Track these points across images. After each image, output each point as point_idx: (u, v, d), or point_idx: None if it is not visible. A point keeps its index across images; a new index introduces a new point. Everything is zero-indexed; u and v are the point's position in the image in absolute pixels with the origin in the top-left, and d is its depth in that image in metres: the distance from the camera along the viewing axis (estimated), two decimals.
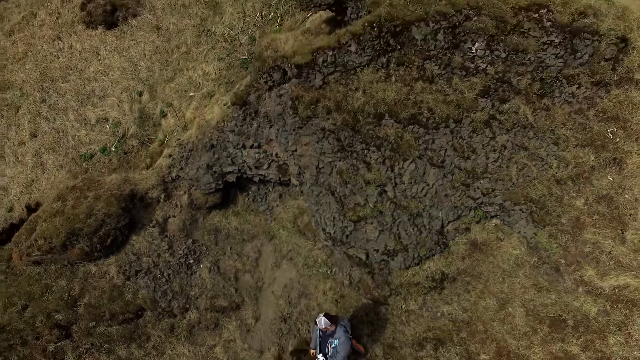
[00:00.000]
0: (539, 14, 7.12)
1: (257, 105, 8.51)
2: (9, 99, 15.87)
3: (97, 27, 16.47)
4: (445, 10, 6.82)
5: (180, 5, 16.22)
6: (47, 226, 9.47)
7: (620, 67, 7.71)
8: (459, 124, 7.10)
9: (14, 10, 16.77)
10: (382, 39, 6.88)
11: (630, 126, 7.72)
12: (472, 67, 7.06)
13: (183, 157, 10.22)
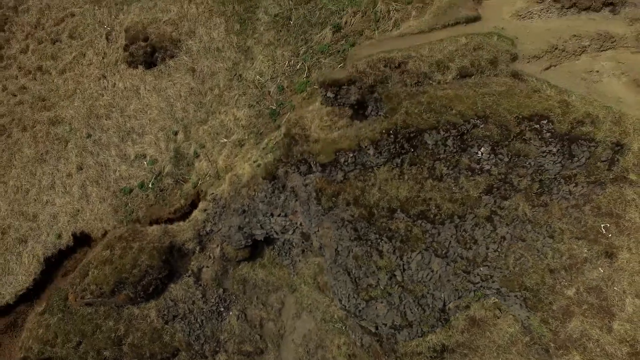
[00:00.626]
0: (539, 125, 7.96)
1: (284, 180, 9.66)
2: (59, 133, 17.58)
3: (137, 67, 17.95)
4: (455, 120, 7.75)
5: (215, 49, 17.51)
6: (98, 273, 10.94)
7: (616, 167, 8.49)
8: (462, 219, 8.06)
9: (67, 51, 18.43)
10: (398, 143, 7.89)
11: (622, 222, 8.51)
12: (477, 168, 7.98)
13: (216, 213, 11.50)
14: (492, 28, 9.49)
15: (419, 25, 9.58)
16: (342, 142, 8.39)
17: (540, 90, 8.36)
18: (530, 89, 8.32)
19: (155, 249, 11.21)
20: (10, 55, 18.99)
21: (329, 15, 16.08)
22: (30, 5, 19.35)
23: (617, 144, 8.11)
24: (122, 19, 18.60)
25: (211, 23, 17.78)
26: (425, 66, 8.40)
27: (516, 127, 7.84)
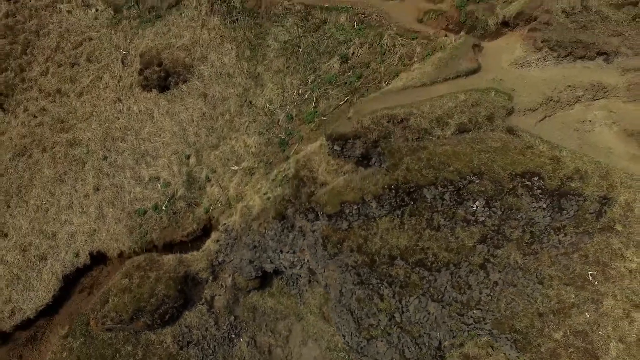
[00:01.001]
0: (531, 182, 8.58)
1: (293, 219, 10.40)
2: (77, 154, 18.46)
3: (151, 90, 18.76)
4: (452, 177, 8.41)
5: (226, 74, 18.28)
6: (118, 301, 11.80)
7: (604, 218, 9.12)
8: (458, 267, 8.73)
9: (84, 74, 19.29)
10: (398, 197, 8.57)
11: (608, 270, 9.15)
12: (472, 219, 8.64)
13: (228, 244, 12.28)
14: (490, 80, 10.10)
15: (422, 78, 10.22)
16: (347, 194, 9.10)
17: (533, 146, 9.00)
18: (524, 145, 8.96)
19: (171, 279, 12.03)
20: (32, 78, 19.90)
21: (337, 45, 16.76)
22: (51, 30, 20.24)
23: (604, 197, 8.74)
24: (137, 43, 19.42)
25: (222, 49, 18.55)
26: (426, 122, 9.07)
27: (509, 184, 8.50)
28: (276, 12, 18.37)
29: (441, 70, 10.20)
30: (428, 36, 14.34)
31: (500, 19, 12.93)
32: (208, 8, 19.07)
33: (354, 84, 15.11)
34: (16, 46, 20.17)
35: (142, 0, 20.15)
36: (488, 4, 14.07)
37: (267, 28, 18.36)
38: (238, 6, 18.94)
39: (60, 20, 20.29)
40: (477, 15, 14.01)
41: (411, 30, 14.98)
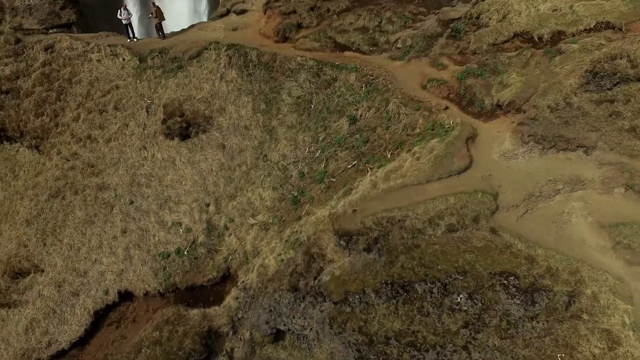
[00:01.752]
0: (507, 280, 10.09)
1: (304, 292, 12.09)
2: (106, 198, 20.41)
3: (174, 139, 20.59)
4: (440, 276, 9.95)
5: (243, 127, 19.99)
6: (150, 353, 13.69)
7: (573, 307, 10.63)
8: (443, 348, 10.26)
9: (112, 121, 21.17)
10: (394, 289, 10.14)
11: (576, 353, 10.66)
12: (457, 308, 10.16)
13: (247, 302, 14.03)
14: (479, 178, 11.57)
15: (418, 176, 11.70)
16: (350, 284, 10.74)
17: (512, 245, 10.50)
18: (504, 244, 10.46)
19: (197, 334, 13.85)
20: (65, 123, 21.87)
21: (346, 106, 18.32)
22: (82, 78, 22.14)
23: (572, 291, 10.27)
24: (161, 93, 21.22)
25: (240, 101, 20.26)
26: (420, 223, 10.62)
27: (488, 281, 10.03)
28: (290, 67, 19.98)
29: (436, 169, 11.70)
30: (430, 107, 15.81)
31: (495, 102, 14.38)
32: (226, 61, 20.76)
33: (361, 148, 16.68)
34: (51, 93, 22.14)
35: (165, 51, 21.92)
36: (485, 81, 15.50)
37: (281, 82, 19.99)
38: (254, 60, 20.60)
39: (91, 69, 22.17)
40: (475, 91, 15.48)
41: (415, 99, 16.46)
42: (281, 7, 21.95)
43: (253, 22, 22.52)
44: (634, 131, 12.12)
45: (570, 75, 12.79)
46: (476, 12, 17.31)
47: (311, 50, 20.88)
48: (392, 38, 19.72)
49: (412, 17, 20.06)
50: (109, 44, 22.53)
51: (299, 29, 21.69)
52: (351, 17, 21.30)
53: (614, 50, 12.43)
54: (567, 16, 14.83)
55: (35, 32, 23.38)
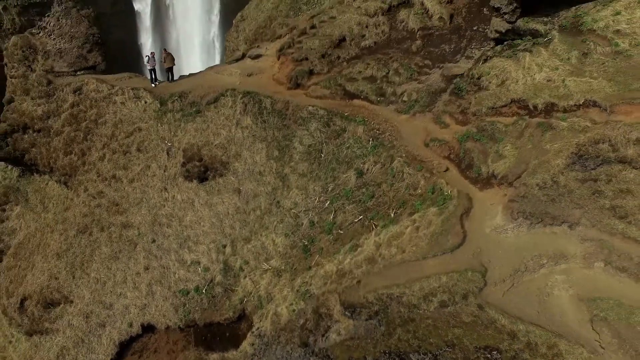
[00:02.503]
0: (491, 354, 11.59)
1: (313, 346, 13.76)
2: (130, 236, 22.30)
3: (193, 181, 22.36)
4: (431, 348, 11.52)
5: (257, 172, 21.64)
6: None
7: None
8: None
9: (135, 162, 22.99)
10: (392, 358, 11.73)
11: None
12: None
13: (261, 348, 15.78)
14: (471, 255, 13.08)
15: (416, 253, 13.19)
16: (353, 351, 12.37)
17: (496, 321, 11.99)
18: (489, 320, 11.96)
19: None
20: (91, 162, 23.78)
21: (354, 158, 19.83)
22: (107, 119, 23.98)
23: None
24: (180, 136, 22.96)
25: (254, 148, 21.90)
26: (415, 299, 12.16)
27: (474, 355, 11.55)
28: (302, 116, 21.54)
29: (432, 247, 13.19)
30: (431, 169, 17.28)
31: (490, 171, 15.82)
32: (242, 108, 22.40)
33: (367, 202, 18.23)
34: (79, 133, 24.04)
35: (184, 95, 23.64)
36: (483, 147, 16.92)
37: (293, 130, 21.57)
38: (268, 107, 22.20)
39: (115, 110, 24.01)
40: (473, 156, 16.92)
41: (418, 158, 17.93)
42: (294, 54, 23.47)
43: (267, 67, 24.08)
44: (614, 210, 13.49)
45: (558, 155, 14.17)
46: (477, 74, 18.66)
47: (322, 97, 22.40)
48: (399, 90, 21.14)
49: (418, 69, 21.46)
50: (132, 87, 24.29)
51: (311, 75, 23.18)
52: (360, 65, 22.74)
53: (597, 136, 13.77)
54: (560, 89, 16.15)
55: (65, 74, 25.26)
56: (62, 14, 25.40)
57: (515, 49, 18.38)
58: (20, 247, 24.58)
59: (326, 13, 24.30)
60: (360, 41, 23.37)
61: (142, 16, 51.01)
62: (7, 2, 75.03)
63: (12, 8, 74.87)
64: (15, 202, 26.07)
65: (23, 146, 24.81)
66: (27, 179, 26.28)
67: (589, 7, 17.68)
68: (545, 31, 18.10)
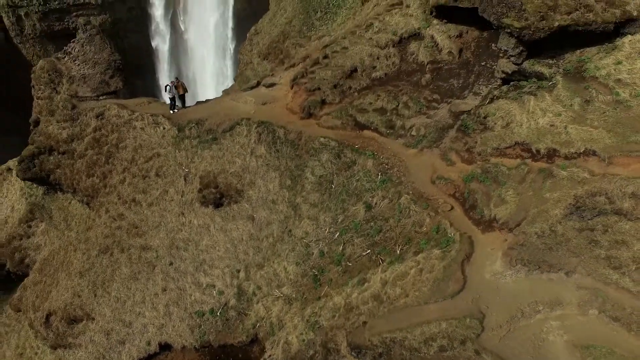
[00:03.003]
0: None
1: None
2: (148, 258, 23.62)
3: (209, 207, 23.57)
4: None
5: (270, 201, 22.75)
6: None
7: None
8: None
9: (154, 187, 24.28)
10: None
11: None
12: None
13: None
14: (470, 301, 14.01)
15: (418, 299, 14.18)
16: None
17: None
18: None
19: None
20: (112, 184, 25.13)
21: (363, 191, 20.81)
22: (128, 144, 25.29)
23: None
24: (197, 163, 24.16)
25: (268, 176, 23.01)
26: (416, 344, 13.13)
27: None
28: (314, 146, 22.57)
29: (434, 293, 14.16)
30: (437, 207, 18.21)
31: (493, 215, 16.70)
32: (256, 137, 23.51)
33: (374, 237, 19.22)
34: (101, 156, 25.40)
35: (201, 122, 24.83)
36: (487, 189, 17.77)
37: (305, 160, 22.61)
38: (282, 137, 23.28)
39: (135, 136, 25.30)
40: (477, 198, 17.79)
41: (424, 196, 18.83)
42: (307, 84, 24.47)
43: (281, 96, 25.13)
44: (609, 260, 14.29)
45: (556, 205, 14.99)
46: (483, 113, 19.47)
47: (333, 128, 23.39)
48: (408, 124, 22.04)
49: (427, 103, 22.31)
50: (151, 113, 25.55)
51: (323, 105, 24.16)
52: (371, 97, 23.67)
53: (594, 189, 14.56)
54: (562, 135, 16.90)
55: (88, 99, 26.64)
56: (86, 40, 26.73)
57: (520, 90, 19.15)
58: (45, 264, 26.11)
59: (338, 43, 25.21)
60: (371, 72, 24.27)
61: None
62: (28, 9, 76.88)
63: (33, 14, 76.76)
64: (40, 219, 27.62)
65: (49, 167, 26.27)
66: (51, 196, 27.80)
67: (593, 53, 18.35)
68: (550, 74, 18.80)
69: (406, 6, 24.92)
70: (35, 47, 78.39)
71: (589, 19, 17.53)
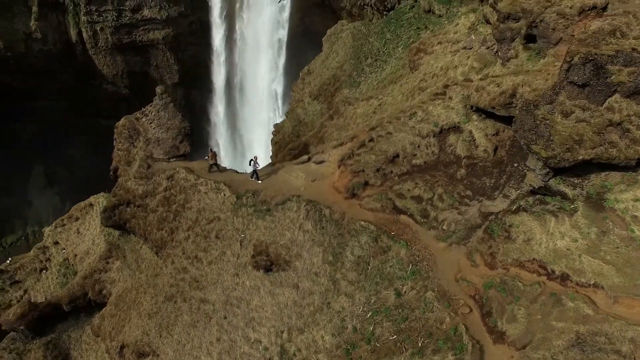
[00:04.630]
0: None
1: None
2: (206, 310, 27.94)
3: (259, 270, 27.46)
4: None
5: (313, 273, 26.29)
6: None
7: None
8: None
9: (214, 247, 28.49)
10: None
11: None
12: None
13: None
14: None
15: None
16: None
17: None
18: None
19: None
20: (178, 240, 29.60)
21: (395, 278, 23.93)
22: (193, 205, 29.63)
23: None
24: (252, 231, 28.06)
25: (312, 251, 26.54)
26: None
27: None
28: (354, 228, 25.84)
29: None
30: (457, 309, 21.10)
31: (504, 330, 19.37)
32: (305, 213, 27.05)
33: (400, 324, 22.35)
34: (170, 214, 29.91)
35: (257, 193, 28.65)
36: (503, 299, 20.42)
37: (346, 240, 25.95)
38: (327, 216, 26.69)
39: (199, 199, 29.55)
40: (493, 307, 20.47)
41: (447, 295, 21.76)
42: (352, 166, 27.65)
43: (328, 173, 28.46)
44: None
45: (560, 336, 17.52)
46: (509, 222, 21.97)
47: (373, 210, 26.53)
48: (440, 216, 24.81)
49: (459, 199, 24.93)
50: (214, 179, 29.64)
51: (365, 186, 27.30)
52: (410, 183, 26.55)
53: (595, 329, 16.96)
54: (576, 262, 19.23)
55: (161, 160, 31.13)
56: (161, 107, 31.17)
57: (544, 207, 21.55)
58: (120, 299, 31.17)
59: (384, 128, 28.15)
60: (411, 159, 27.12)
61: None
62: (103, 24, 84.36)
63: (107, 29, 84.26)
64: (115, 257, 32.73)
65: (126, 217, 31.15)
66: (125, 238, 32.82)
67: (616, 181, 20.42)
68: (573, 196, 21.04)
69: (449, 98, 27.43)
70: (106, 57, 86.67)
71: (612, 154, 19.63)
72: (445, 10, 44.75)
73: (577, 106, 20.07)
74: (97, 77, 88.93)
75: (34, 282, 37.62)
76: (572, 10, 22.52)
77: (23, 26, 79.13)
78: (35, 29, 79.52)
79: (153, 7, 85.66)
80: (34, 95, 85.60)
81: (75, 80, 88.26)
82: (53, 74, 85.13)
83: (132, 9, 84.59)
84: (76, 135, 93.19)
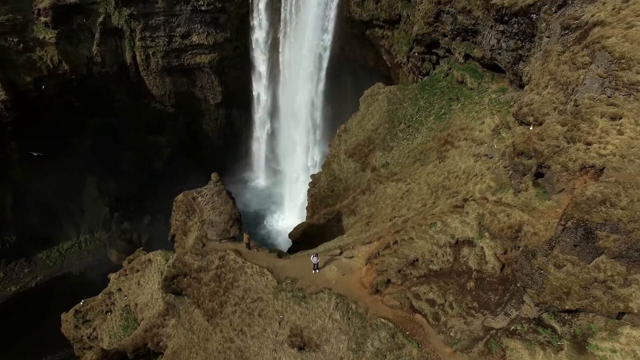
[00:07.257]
0: None
1: None
2: None
3: (294, 348, 33.15)
4: None
5: (339, 357, 31.79)
6: None
7: None
8: None
9: (256, 324, 34.42)
10: None
11: None
12: None
13: None
14: None
15: None
16: None
17: None
18: None
19: None
20: (226, 313, 35.71)
21: None
22: (240, 284, 35.63)
23: None
24: (289, 314, 33.75)
25: (339, 338, 32.07)
26: None
27: None
28: (375, 323, 31.14)
29: None
30: None
31: None
32: (334, 305, 32.56)
33: None
34: (220, 289, 36.07)
35: (295, 281, 34.24)
36: None
37: (368, 332, 31.31)
38: (353, 309, 32.10)
39: (246, 279, 35.49)
40: None
41: None
42: (377, 265, 32.80)
43: (357, 268, 33.73)
44: None
45: None
46: (504, 344, 26.61)
47: (393, 307, 31.72)
48: (449, 323, 29.73)
49: (467, 309, 29.70)
50: (259, 264, 35.41)
51: (388, 284, 32.43)
52: (425, 287, 31.51)
53: None
54: None
55: (214, 241, 37.15)
56: (215, 193, 37.10)
57: (536, 337, 26.02)
58: (175, 356, 37.79)
59: (407, 232, 33.08)
60: (429, 264, 32.02)
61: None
62: (155, 49, 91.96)
63: (158, 53, 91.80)
64: (171, 315, 39.32)
65: (182, 286, 37.58)
66: (180, 299, 39.33)
67: (600, 325, 24.70)
68: (561, 333, 25.44)
69: (466, 212, 32.02)
70: (156, 79, 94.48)
71: (596, 307, 23.91)
72: (477, 84, 48.63)
73: (568, 260, 24.39)
74: (147, 96, 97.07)
75: (100, 322, 44.96)
76: (574, 165, 26.55)
77: (86, 51, 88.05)
78: (96, 53, 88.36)
79: (201, 34, 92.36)
80: (92, 112, 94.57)
81: (128, 99, 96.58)
82: (109, 94, 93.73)
83: (182, 35, 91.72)
84: (125, 149, 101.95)
